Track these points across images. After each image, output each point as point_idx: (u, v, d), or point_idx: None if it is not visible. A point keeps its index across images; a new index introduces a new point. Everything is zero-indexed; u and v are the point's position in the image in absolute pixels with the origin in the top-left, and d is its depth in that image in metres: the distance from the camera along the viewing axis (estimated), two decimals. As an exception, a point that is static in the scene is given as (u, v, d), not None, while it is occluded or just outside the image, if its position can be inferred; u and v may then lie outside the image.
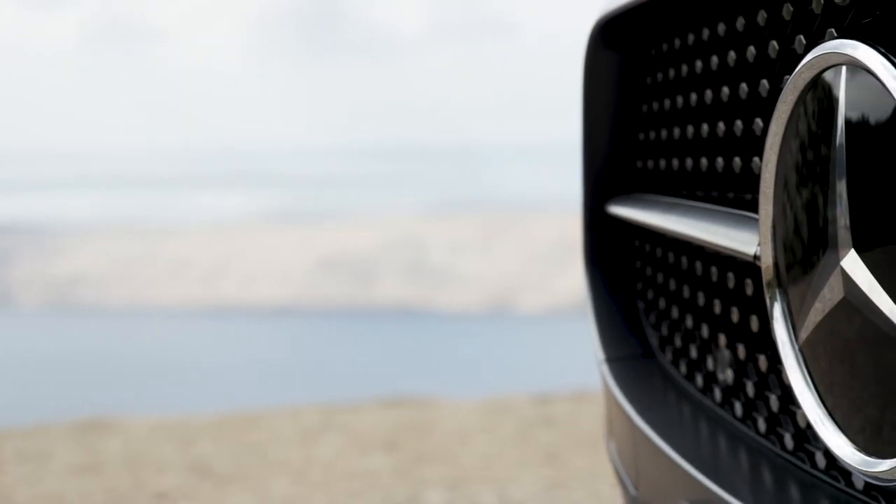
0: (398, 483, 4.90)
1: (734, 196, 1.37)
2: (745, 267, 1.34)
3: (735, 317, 1.38)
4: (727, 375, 1.42)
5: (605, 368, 1.67)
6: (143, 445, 5.63)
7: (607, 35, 1.65)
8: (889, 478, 0.98)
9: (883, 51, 0.96)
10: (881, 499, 1.11)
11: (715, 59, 1.40)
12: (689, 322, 1.54)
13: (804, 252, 1.09)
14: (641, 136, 1.69)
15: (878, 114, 0.97)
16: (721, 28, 1.38)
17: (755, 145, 1.29)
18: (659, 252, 1.65)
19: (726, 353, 1.42)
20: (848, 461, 1.04)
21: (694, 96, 1.47)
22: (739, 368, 1.39)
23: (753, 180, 1.30)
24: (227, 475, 5.06)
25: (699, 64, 1.45)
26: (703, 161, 1.45)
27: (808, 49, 1.13)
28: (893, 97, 0.94)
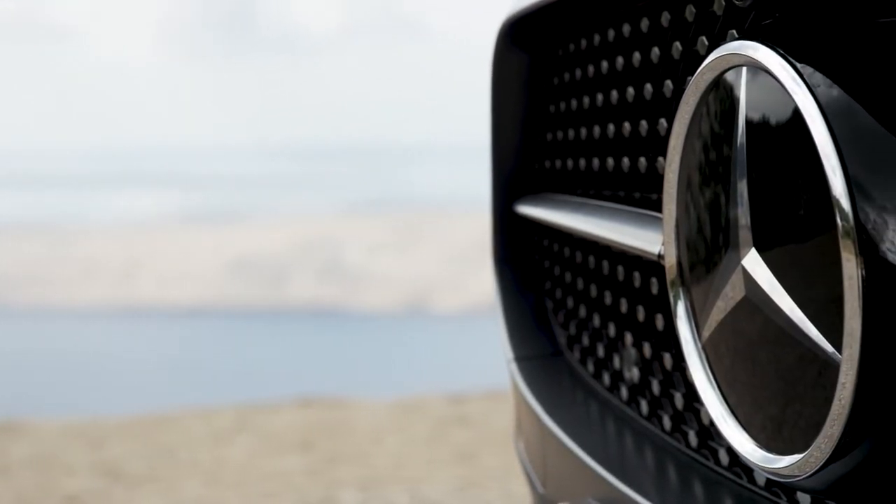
0: (312, 484, 4.89)
1: (640, 196, 1.38)
2: (651, 266, 1.35)
3: (641, 315, 1.39)
4: (633, 374, 1.43)
5: (514, 367, 1.68)
6: (53, 448, 5.57)
7: (515, 36, 1.66)
8: (789, 474, 0.99)
9: (782, 52, 0.97)
10: (782, 494, 1.13)
11: (620, 59, 1.41)
12: (597, 321, 1.56)
13: (707, 251, 1.10)
14: (549, 136, 1.70)
15: (777, 114, 0.98)
16: (626, 29, 1.39)
17: (660, 145, 1.30)
18: (567, 251, 1.66)
19: (632, 352, 1.43)
20: (749, 458, 1.06)
21: (600, 97, 1.49)
22: (645, 367, 1.40)
23: (658, 180, 1.31)
24: (138, 477, 5.01)
25: (605, 64, 1.46)
26: (610, 161, 1.46)
27: (710, 50, 1.15)
28: (792, 98, 0.95)
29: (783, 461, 1.00)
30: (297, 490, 4.80)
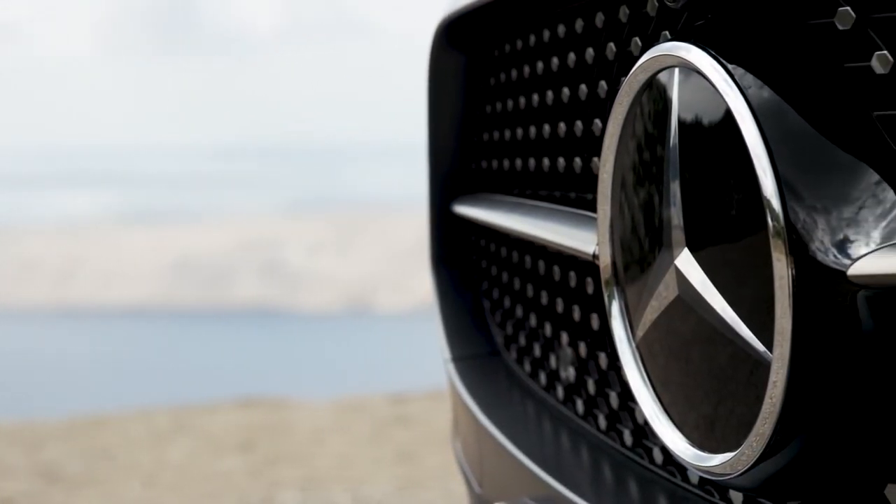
0: (252, 485, 4.87)
1: (576, 196, 1.39)
2: (586, 266, 1.36)
3: (576, 315, 1.40)
4: (569, 373, 1.44)
5: (451, 367, 1.68)
6: (-10, 451, 5.51)
7: (451, 36, 1.66)
8: (721, 472, 1.00)
9: (713, 53, 0.97)
10: (715, 493, 1.14)
11: (555, 60, 1.41)
12: (533, 320, 1.56)
13: (641, 251, 1.11)
14: (486, 136, 1.70)
15: (709, 115, 0.99)
16: (561, 30, 1.39)
17: (595, 146, 1.31)
18: (504, 251, 1.66)
19: (568, 351, 1.44)
20: (682, 456, 1.06)
21: (536, 97, 1.49)
22: (581, 366, 1.41)
23: (593, 180, 1.31)
24: (76, 480, 4.97)
25: (540, 65, 1.47)
26: (546, 161, 1.47)
27: (643, 51, 1.15)
28: (723, 99, 0.96)
29: (715, 459, 1.01)
30: (238, 491, 4.78)
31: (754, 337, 0.95)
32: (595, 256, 1.22)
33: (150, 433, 5.82)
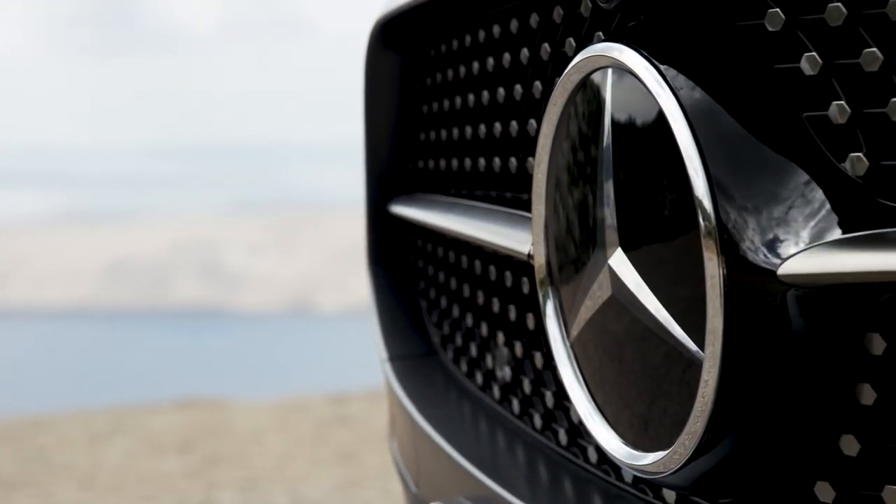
0: (191, 486, 4.84)
1: (511, 196, 1.39)
2: (522, 266, 1.36)
3: (512, 315, 1.40)
4: (505, 373, 1.44)
5: (388, 367, 1.68)
6: (-76, 453, 5.45)
7: (387, 36, 1.66)
8: (653, 470, 1.01)
9: (646, 54, 0.98)
10: (648, 491, 1.15)
11: (490, 60, 1.42)
12: (470, 320, 1.56)
13: (575, 251, 1.11)
14: (423, 136, 1.70)
15: (642, 116, 0.99)
16: (496, 30, 1.40)
17: (530, 146, 1.31)
18: (440, 251, 1.66)
19: (504, 351, 1.44)
20: (616, 455, 1.07)
21: (471, 97, 1.49)
22: (517, 366, 1.41)
23: (529, 180, 1.32)
24: (11, 481, 4.92)
25: (476, 65, 1.47)
26: (482, 161, 1.47)
27: (577, 52, 1.15)
28: (656, 100, 0.96)
29: (648, 458, 1.02)
30: (176, 492, 4.75)
31: (686, 336, 0.95)
32: (530, 256, 1.22)
33: (87, 434, 5.77)
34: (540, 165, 1.15)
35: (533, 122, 1.30)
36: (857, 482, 0.89)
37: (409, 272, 1.79)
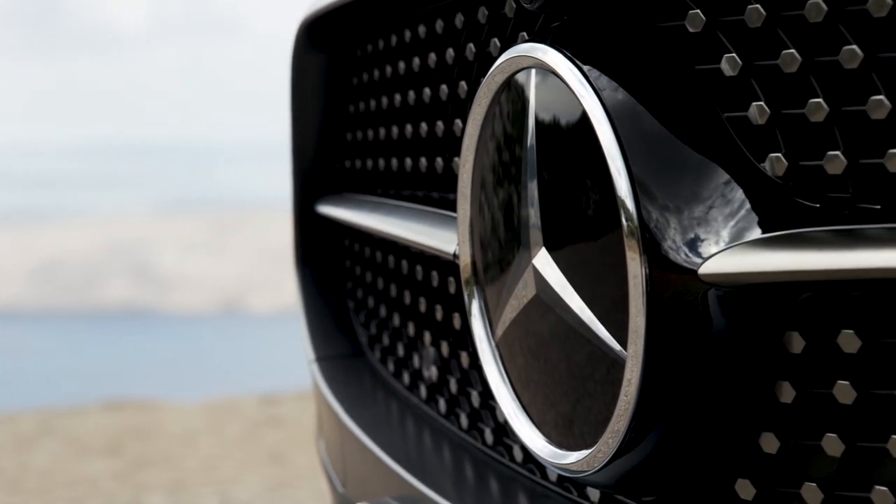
0: (119, 488, 4.80)
1: (438, 196, 1.39)
2: (448, 265, 1.36)
3: (439, 315, 1.40)
4: (432, 372, 1.44)
5: (315, 367, 1.68)
6: None
7: (313, 36, 1.66)
8: (577, 469, 1.01)
9: (569, 55, 0.98)
10: (573, 490, 1.15)
11: (416, 60, 1.41)
12: (397, 320, 1.56)
13: (500, 250, 1.12)
14: (349, 136, 1.70)
15: (565, 116, 1.00)
16: (421, 30, 1.40)
17: (456, 146, 1.31)
18: (368, 251, 1.66)
19: (431, 351, 1.44)
20: (539, 454, 1.07)
21: (398, 97, 1.49)
22: (444, 365, 1.41)
23: (455, 180, 1.32)
24: (-64, 486, 4.86)
25: (402, 65, 1.47)
26: (409, 161, 1.47)
27: (502, 52, 1.16)
28: (579, 100, 0.96)
29: (571, 457, 1.02)
30: (104, 495, 4.71)
31: (610, 335, 0.96)
32: (455, 256, 1.22)
33: (13, 437, 5.70)
34: (465, 165, 1.15)
35: (459, 122, 1.30)
36: (776, 479, 0.90)
37: (336, 272, 1.78)
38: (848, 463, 0.84)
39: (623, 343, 0.93)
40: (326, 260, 1.79)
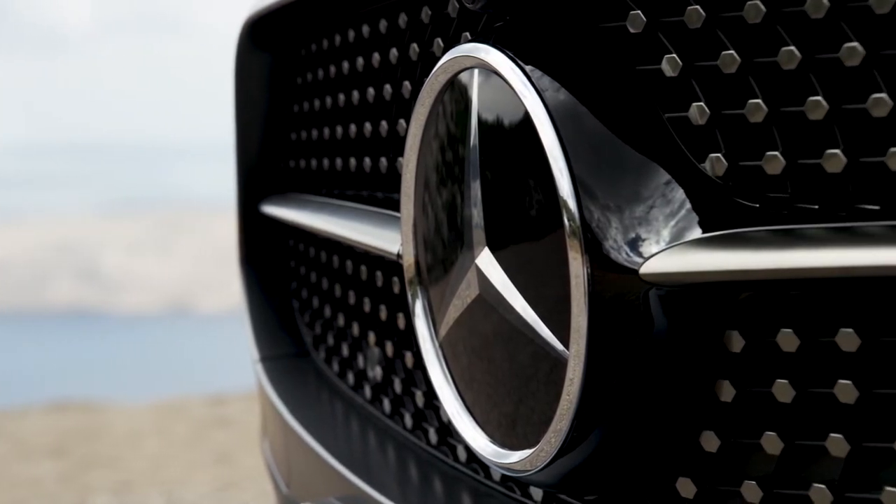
0: (65, 490, 4.77)
1: (383, 196, 1.39)
2: (393, 265, 1.36)
3: (383, 315, 1.40)
4: (377, 373, 1.44)
5: (260, 367, 1.67)
6: None
7: (256, 36, 1.65)
8: (520, 469, 1.01)
9: (512, 55, 0.98)
10: (516, 489, 1.15)
11: (360, 60, 1.41)
12: (341, 320, 1.56)
13: (443, 250, 1.12)
14: (294, 136, 1.70)
15: (508, 116, 1.00)
16: (365, 30, 1.40)
17: (400, 146, 1.31)
18: (312, 251, 1.66)
19: (376, 351, 1.44)
20: (482, 453, 1.07)
21: (342, 97, 1.49)
22: (388, 365, 1.41)
23: (400, 180, 1.32)
24: None
25: (346, 65, 1.46)
26: (353, 161, 1.47)
27: (445, 52, 1.16)
28: (522, 101, 0.97)
29: (514, 456, 1.02)
30: (49, 497, 4.67)
31: (552, 335, 0.96)
32: (399, 256, 1.22)
33: (-42, 439, 5.65)
34: (408, 165, 1.15)
35: (403, 122, 1.30)
36: (716, 478, 0.90)
37: (281, 272, 1.78)
38: (787, 461, 0.85)
39: (565, 343, 0.93)
40: (271, 260, 1.78)
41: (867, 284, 0.78)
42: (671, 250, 0.87)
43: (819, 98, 0.79)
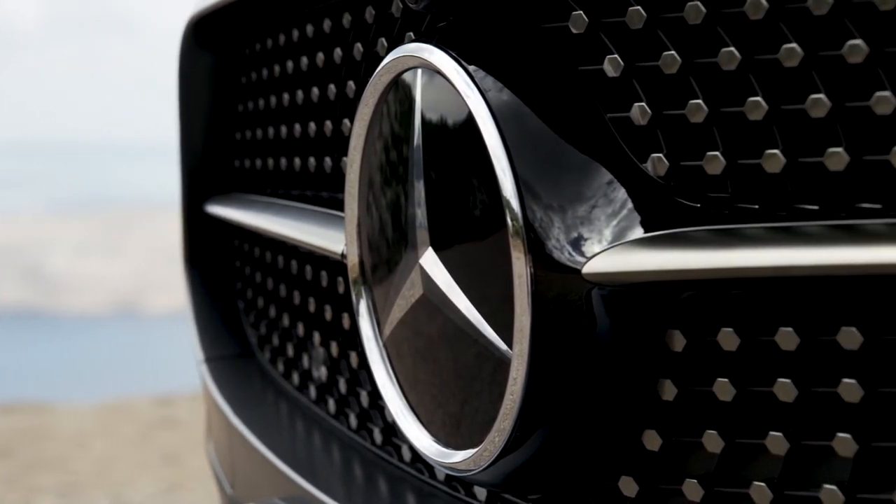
0: (9, 492, 4.72)
1: (328, 196, 1.39)
2: (337, 266, 1.36)
3: (328, 315, 1.40)
4: (322, 373, 1.44)
5: (205, 368, 1.66)
6: None
7: (199, 35, 1.64)
8: (464, 468, 1.01)
9: (455, 55, 0.98)
10: (460, 488, 1.15)
11: (304, 60, 1.41)
12: (286, 321, 1.55)
13: (388, 250, 1.11)
14: (238, 135, 1.69)
15: (451, 116, 1.00)
16: (309, 29, 1.39)
17: (345, 146, 1.31)
18: (257, 251, 1.65)
19: (321, 351, 1.44)
20: (426, 453, 1.07)
21: (287, 97, 1.48)
22: (333, 366, 1.40)
23: (344, 180, 1.31)
24: None
25: (290, 65, 1.46)
26: (298, 161, 1.46)
27: (389, 52, 1.16)
28: (465, 101, 0.97)
29: (457, 456, 1.02)
30: (-6, 499, 4.63)
31: (496, 335, 0.96)
32: (344, 256, 1.22)
33: None
34: (352, 165, 1.15)
35: (347, 121, 1.30)
36: (658, 476, 0.91)
37: (226, 272, 1.77)
38: (728, 459, 0.85)
39: (509, 342, 0.93)
40: (216, 260, 1.78)
41: (805, 284, 0.78)
42: (613, 250, 0.87)
43: (759, 99, 0.79)
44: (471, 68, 0.97)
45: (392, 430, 1.27)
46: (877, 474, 0.77)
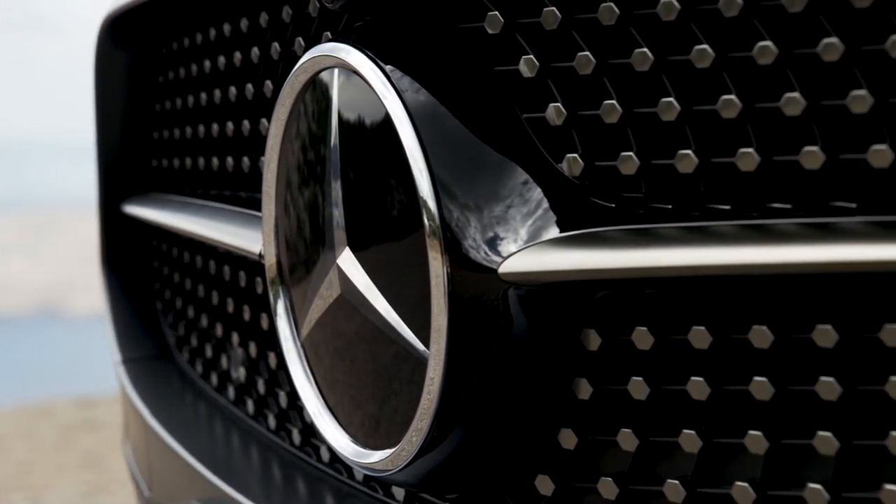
0: (-74, 497, 4.65)
1: (246, 196, 1.38)
2: (255, 266, 1.35)
3: (247, 315, 1.39)
4: (240, 374, 1.43)
5: (122, 369, 1.65)
6: None
7: (115, 34, 1.63)
8: (381, 468, 1.01)
9: (371, 55, 0.98)
10: (379, 489, 1.15)
11: (222, 59, 1.40)
12: (205, 321, 1.54)
13: (305, 250, 1.11)
14: (156, 135, 1.68)
15: (368, 116, 1.00)
16: (226, 29, 1.38)
17: (263, 146, 1.30)
18: (175, 252, 1.64)
19: (239, 352, 1.43)
20: (344, 453, 1.07)
21: (204, 96, 1.47)
22: (251, 366, 1.40)
23: (262, 180, 1.31)
24: None
25: (207, 64, 1.45)
26: (216, 161, 1.45)
27: (307, 52, 1.15)
28: (382, 101, 0.97)
29: (375, 456, 1.02)
30: (-90, 504, 4.56)
31: (413, 335, 0.96)
32: (261, 256, 1.21)
33: None
34: (269, 165, 1.15)
35: (265, 121, 1.29)
36: (574, 475, 0.91)
37: (144, 273, 1.76)
38: (643, 457, 0.86)
39: (426, 342, 0.93)
40: (133, 261, 1.76)
41: (718, 283, 0.79)
42: (529, 250, 0.87)
43: (671, 100, 0.80)
44: (387, 68, 0.97)
45: (311, 431, 1.27)
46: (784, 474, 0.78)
